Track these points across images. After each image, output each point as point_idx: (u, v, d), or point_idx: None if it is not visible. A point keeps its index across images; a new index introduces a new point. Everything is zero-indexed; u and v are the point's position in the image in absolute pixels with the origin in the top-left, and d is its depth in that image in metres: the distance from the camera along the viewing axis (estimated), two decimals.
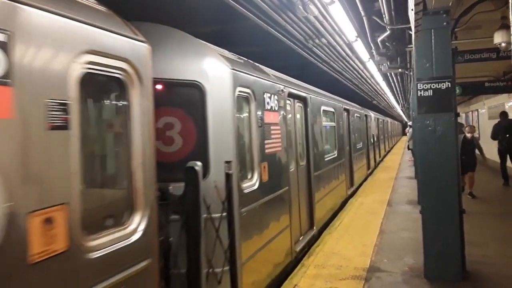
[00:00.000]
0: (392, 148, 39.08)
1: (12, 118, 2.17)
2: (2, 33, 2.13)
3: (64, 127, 2.47)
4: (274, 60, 10.38)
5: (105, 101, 3.24)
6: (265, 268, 5.70)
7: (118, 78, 3.03)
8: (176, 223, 4.20)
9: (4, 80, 2.13)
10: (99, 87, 3.03)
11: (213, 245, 4.48)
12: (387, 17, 8.50)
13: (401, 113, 48.91)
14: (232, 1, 6.61)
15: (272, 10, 7.42)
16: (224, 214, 4.61)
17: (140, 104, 3.20)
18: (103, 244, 2.85)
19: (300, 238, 7.62)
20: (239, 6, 6.85)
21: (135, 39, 3.15)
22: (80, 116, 2.63)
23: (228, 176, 4.64)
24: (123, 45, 3.02)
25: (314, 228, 8.47)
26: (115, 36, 2.94)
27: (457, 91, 12.12)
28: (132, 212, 3.20)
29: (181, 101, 4.58)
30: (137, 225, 3.22)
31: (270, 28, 8.29)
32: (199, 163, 4.03)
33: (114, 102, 3.20)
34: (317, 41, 10.36)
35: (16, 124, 2.19)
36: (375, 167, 21.97)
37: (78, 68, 2.61)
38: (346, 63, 14.06)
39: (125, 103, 3.12)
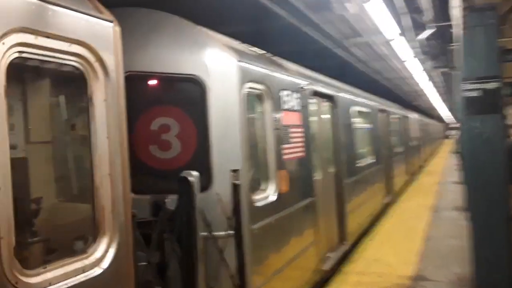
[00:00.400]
0: (434, 151, 37.27)
1: None
2: None
3: None
4: (309, 60, 9.83)
5: (52, 96, 2.58)
6: None
7: (70, 66, 2.37)
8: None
9: None
10: (42, 77, 2.38)
11: (217, 269, 3.78)
12: (428, 14, 7.94)
13: (444, 115, 46.80)
14: (265, 0, 6.19)
15: (307, 9, 7.02)
16: (231, 232, 3.90)
17: (105, 101, 2.53)
18: (51, 279, 2.19)
19: (329, 255, 6.79)
20: (272, 5, 6.42)
21: (97, 17, 2.49)
22: (9, 115, 1.98)
23: (235, 187, 3.93)
24: (78, 24, 2.35)
25: (346, 242, 7.61)
26: (65, 11, 2.28)
27: (507, 91, 11.07)
28: (96, 237, 2.53)
29: (179, 99, 3.93)
30: (103, 253, 2.55)
31: (304, 27, 7.91)
32: (194, 173, 3.35)
33: (66, 98, 2.54)
34: (354, 40, 10.01)
35: None
36: (417, 172, 20.70)
37: (3, 51, 1.96)
38: (384, 63, 13.35)
39: (83, 99, 2.46)
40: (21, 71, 2.03)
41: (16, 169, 2.12)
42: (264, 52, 5.32)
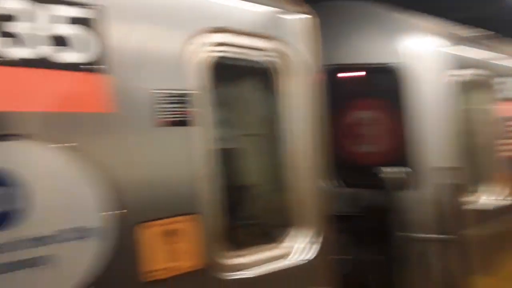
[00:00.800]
0: None
1: (114, 112, 1.86)
2: (89, 8, 1.81)
3: (182, 122, 2.05)
4: None
5: (246, 91, 2.71)
6: None
7: (267, 62, 2.48)
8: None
9: (98, 66, 1.83)
10: (237, 74, 2.54)
11: (422, 274, 3.45)
12: None
13: None
14: None
15: None
16: (446, 236, 3.49)
17: (301, 95, 2.58)
18: (247, 264, 2.33)
19: None
20: None
21: (292, 11, 2.54)
22: (208, 110, 2.19)
23: (451, 188, 3.49)
24: (272, 19, 2.45)
25: None
26: (257, 7, 2.39)
27: None
28: (292, 227, 2.59)
29: (379, 90, 3.74)
30: (302, 244, 2.59)
31: None
32: (391, 170, 3.14)
33: (263, 93, 2.65)
34: None
35: (119, 119, 1.88)
36: None
37: (201, 50, 2.15)
38: None
39: (280, 93, 2.55)
40: (220, 70, 2.21)
41: (224, 158, 2.33)
42: (480, 34, 4.67)
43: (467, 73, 3.97)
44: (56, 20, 1.75)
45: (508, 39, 5.50)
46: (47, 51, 1.73)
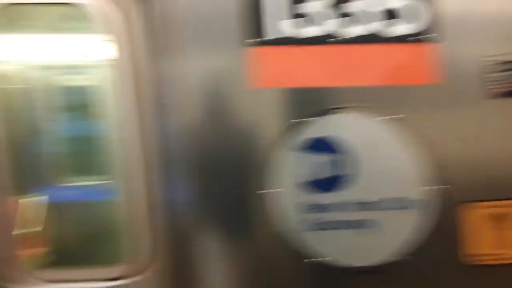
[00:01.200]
0: None
1: (441, 83, 1.77)
2: None
3: None
4: None
5: None
6: None
7: None
8: None
9: (428, 35, 1.76)
10: None
11: None
12: None
13: None
14: None
15: None
16: None
17: None
18: None
19: None
20: None
21: None
22: None
23: None
24: None
25: None
26: None
27: None
28: None
29: None
30: None
31: None
32: None
33: None
34: None
35: (446, 90, 1.77)
36: None
37: None
38: None
39: None
40: None
41: None
42: None
43: None
44: None
45: None
46: (378, 26, 1.80)
